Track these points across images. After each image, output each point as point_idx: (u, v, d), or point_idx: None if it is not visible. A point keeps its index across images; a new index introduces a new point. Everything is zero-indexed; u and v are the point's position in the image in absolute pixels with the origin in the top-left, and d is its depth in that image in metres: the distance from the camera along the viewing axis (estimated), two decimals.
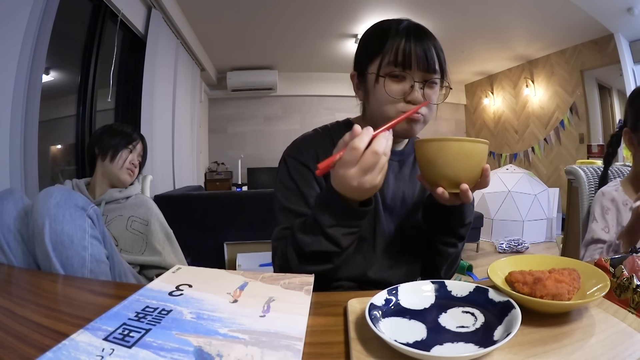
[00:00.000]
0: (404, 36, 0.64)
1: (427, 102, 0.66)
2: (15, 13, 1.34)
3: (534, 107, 4.81)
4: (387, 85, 0.65)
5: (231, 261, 2.41)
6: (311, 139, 0.75)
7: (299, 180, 0.70)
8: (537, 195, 3.68)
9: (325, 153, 0.71)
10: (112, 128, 1.27)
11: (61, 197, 0.73)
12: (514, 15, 3.48)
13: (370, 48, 0.68)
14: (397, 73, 0.65)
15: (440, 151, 0.56)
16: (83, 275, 0.73)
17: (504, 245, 3.47)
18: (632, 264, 0.50)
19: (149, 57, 2.59)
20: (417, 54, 0.64)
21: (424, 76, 0.65)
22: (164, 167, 2.91)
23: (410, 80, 0.65)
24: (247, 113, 5.41)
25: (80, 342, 0.35)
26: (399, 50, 0.64)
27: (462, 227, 0.70)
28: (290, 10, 3.35)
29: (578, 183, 1.19)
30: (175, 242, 1.18)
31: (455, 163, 0.55)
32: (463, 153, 0.55)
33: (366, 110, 0.75)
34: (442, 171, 0.56)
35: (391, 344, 0.34)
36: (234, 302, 0.44)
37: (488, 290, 0.44)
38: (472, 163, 0.56)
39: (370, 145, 0.51)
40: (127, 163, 1.21)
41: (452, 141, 0.55)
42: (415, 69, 0.64)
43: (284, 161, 0.73)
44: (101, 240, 0.80)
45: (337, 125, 0.79)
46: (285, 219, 0.69)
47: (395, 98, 0.65)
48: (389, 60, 0.64)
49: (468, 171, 0.56)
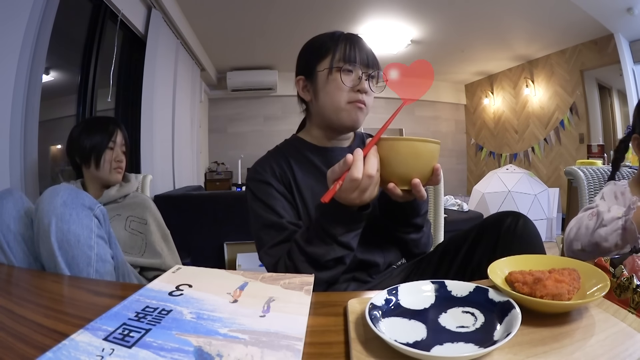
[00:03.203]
0: (346, 40, 0.76)
1: (371, 92, 0.77)
2: (15, 13, 1.34)
3: (534, 107, 4.81)
4: (342, 77, 0.74)
5: (231, 261, 2.41)
6: (265, 160, 0.82)
7: (264, 197, 0.76)
8: (537, 195, 3.68)
9: (281, 168, 0.80)
10: (88, 126, 1.18)
11: (68, 196, 0.73)
12: (514, 15, 3.48)
13: (317, 52, 0.78)
14: (346, 67, 0.75)
15: (392, 150, 0.57)
16: (88, 274, 0.73)
17: None
18: (632, 264, 0.50)
19: (149, 57, 2.59)
20: (360, 51, 0.76)
21: (366, 70, 0.76)
22: (164, 167, 2.91)
23: (357, 73, 0.75)
24: (247, 113, 5.42)
25: (80, 342, 0.35)
26: (346, 50, 0.75)
27: (418, 217, 0.76)
28: (290, 10, 3.35)
29: (577, 183, 1.20)
30: (172, 243, 1.17)
31: (407, 162, 0.57)
32: (414, 152, 0.57)
33: (312, 111, 0.83)
34: (394, 169, 0.58)
35: (391, 344, 0.34)
36: (234, 302, 0.44)
37: (488, 290, 0.44)
38: (423, 162, 0.58)
39: (364, 169, 0.56)
40: (113, 163, 1.16)
41: (403, 141, 0.57)
42: (359, 63, 0.75)
43: (248, 188, 0.80)
44: (107, 240, 0.80)
45: (287, 143, 0.87)
46: (267, 236, 0.74)
47: (348, 86, 0.74)
48: (339, 57, 0.75)
49: (419, 170, 0.58)
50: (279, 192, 0.77)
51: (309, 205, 0.78)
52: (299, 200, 0.78)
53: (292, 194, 0.78)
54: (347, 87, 0.74)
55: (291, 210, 0.77)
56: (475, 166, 6.06)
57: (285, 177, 0.79)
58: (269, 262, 0.73)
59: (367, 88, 0.76)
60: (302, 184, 0.79)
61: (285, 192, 0.78)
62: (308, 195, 0.78)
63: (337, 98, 0.75)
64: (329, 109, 0.77)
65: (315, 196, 0.77)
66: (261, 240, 0.75)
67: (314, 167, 0.81)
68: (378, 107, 4.70)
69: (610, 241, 0.79)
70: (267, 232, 0.74)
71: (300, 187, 0.79)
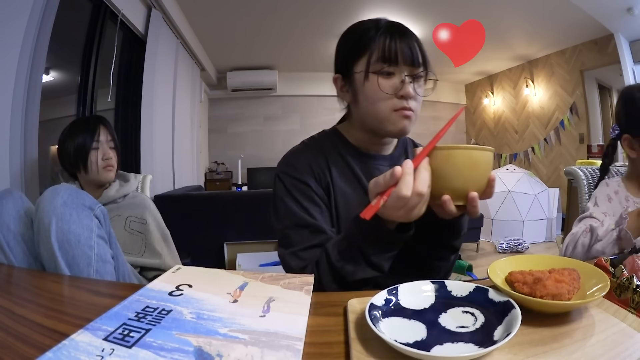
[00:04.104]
0: (388, 34, 0.65)
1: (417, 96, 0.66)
2: (15, 13, 1.34)
3: (534, 107, 4.81)
4: (380, 83, 0.65)
5: (231, 261, 2.41)
6: (302, 153, 0.74)
7: (300, 197, 0.68)
8: (537, 195, 3.68)
9: (319, 167, 0.71)
10: (70, 130, 1.14)
11: (68, 196, 0.73)
12: (514, 15, 3.48)
13: (354, 48, 0.68)
14: (386, 70, 0.65)
15: (447, 161, 0.50)
16: (89, 275, 0.73)
17: (504, 245, 3.47)
18: (632, 264, 0.50)
19: (149, 57, 2.59)
20: (403, 50, 0.64)
21: (411, 70, 0.66)
22: (164, 167, 2.91)
23: (399, 76, 0.65)
24: (247, 113, 5.41)
25: (80, 342, 0.35)
26: (385, 47, 0.64)
27: (458, 238, 0.67)
28: (290, 10, 3.35)
29: (577, 183, 1.20)
30: (172, 243, 1.16)
31: (463, 173, 0.50)
32: (471, 163, 0.50)
33: (353, 113, 0.74)
34: (449, 183, 0.51)
35: (391, 344, 0.34)
36: (234, 302, 0.44)
37: (488, 290, 0.44)
38: (480, 173, 0.51)
39: (414, 186, 0.48)
40: (101, 162, 1.13)
41: (460, 149, 0.50)
42: (402, 64, 0.65)
43: (279, 179, 0.72)
44: (107, 241, 0.80)
45: (325, 135, 0.78)
46: (298, 237, 0.66)
47: (388, 94, 0.65)
48: (377, 58, 0.65)
49: (476, 182, 0.51)
50: (318, 196, 0.69)
51: (341, 213, 0.71)
52: (333, 206, 0.71)
53: (329, 198, 0.71)
54: (387, 95, 0.65)
55: (328, 216, 0.70)
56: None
57: (324, 179, 0.71)
58: (296, 265, 0.65)
59: (413, 92, 0.65)
60: (337, 190, 0.71)
61: (324, 196, 0.70)
62: (341, 202, 0.71)
63: (378, 106, 0.65)
64: (371, 117, 0.68)
65: (348, 205, 0.71)
66: (289, 239, 0.67)
67: (352, 174, 0.73)
68: None
69: (608, 252, 0.80)
70: (298, 232, 0.66)
71: (336, 192, 0.71)
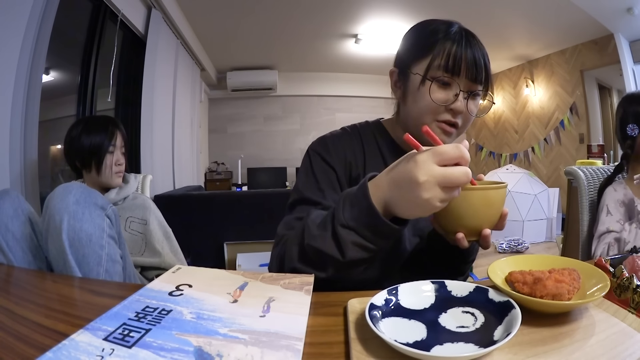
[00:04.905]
0: (456, 41, 0.61)
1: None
2: (15, 13, 1.34)
3: (534, 107, 4.81)
4: (432, 90, 0.62)
5: (231, 261, 2.41)
6: (340, 138, 0.72)
7: (321, 178, 0.67)
8: (537, 195, 3.68)
9: (354, 154, 0.69)
10: (87, 128, 1.13)
11: (80, 195, 0.73)
12: (514, 15, 3.48)
13: (417, 47, 0.65)
14: (444, 79, 0.61)
15: (464, 201, 0.50)
16: (98, 274, 0.73)
17: (504, 245, 3.47)
18: (632, 264, 0.50)
19: (149, 57, 2.59)
20: (467, 62, 0.61)
21: (470, 86, 0.63)
22: (164, 167, 2.91)
23: (455, 89, 0.62)
24: (247, 113, 5.41)
25: (80, 342, 0.35)
26: (450, 55, 0.60)
27: (466, 264, 0.67)
28: (290, 10, 3.35)
29: (577, 183, 1.19)
30: (174, 241, 1.17)
31: (478, 213, 0.51)
32: (487, 203, 0.51)
33: (400, 109, 0.72)
34: (465, 221, 0.51)
35: (391, 344, 0.34)
36: (234, 302, 0.44)
37: (488, 290, 0.44)
38: (494, 211, 0.52)
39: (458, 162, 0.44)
40: (114, 167, 1.14)
41: (476, 191, 0.50)
42: (463, 76, 0.61)
43: (308, 156, 0.70)
44: (117, 241, 0.80)
45: (367, 126, 0.76)
46: (300, 208, 0.64)
47: (439, 105, 0.62)
48: (438, 64, 0.61)
49: (489, 219, 0.52)
50: (341, 184, 0.67)
51: None
52: None
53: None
54: (436, 104, 0.62)
55: None
56: (475, 166, 6.05)
57: (356, 169, 0.69)
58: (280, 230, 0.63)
59: (463, 108, 0.62)
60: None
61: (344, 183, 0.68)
62: None
63: (423, 113, 0.63)
64: (413, 119, 0.66)
65: None
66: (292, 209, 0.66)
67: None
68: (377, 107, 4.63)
69: None
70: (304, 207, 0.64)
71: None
